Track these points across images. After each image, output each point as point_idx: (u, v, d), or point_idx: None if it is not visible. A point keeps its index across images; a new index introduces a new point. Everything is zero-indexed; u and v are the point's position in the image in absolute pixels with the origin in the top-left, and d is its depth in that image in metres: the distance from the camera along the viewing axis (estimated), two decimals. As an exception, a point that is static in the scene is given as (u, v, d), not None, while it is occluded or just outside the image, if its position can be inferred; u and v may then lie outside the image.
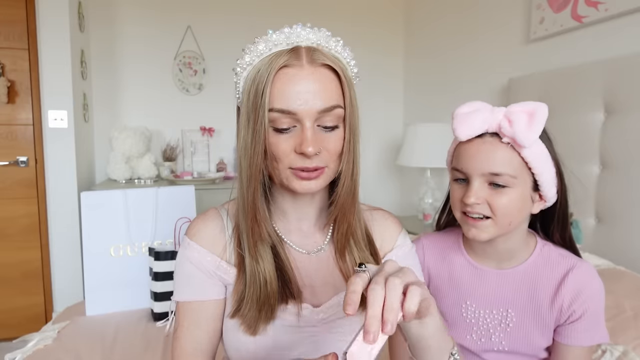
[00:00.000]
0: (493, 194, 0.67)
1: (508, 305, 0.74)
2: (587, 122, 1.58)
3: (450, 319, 0.79)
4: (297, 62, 0.56)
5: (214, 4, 2.72)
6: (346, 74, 0.60)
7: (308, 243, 0.69)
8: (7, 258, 2.27)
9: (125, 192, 1.40)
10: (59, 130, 2.24)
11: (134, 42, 2.63)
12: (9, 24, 2.17)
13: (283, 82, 0.56)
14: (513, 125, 0.64)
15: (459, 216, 0.72)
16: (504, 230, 0.69)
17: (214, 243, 0.66)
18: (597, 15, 1.62)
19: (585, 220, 1.57)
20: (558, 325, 0.72)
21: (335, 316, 0.66)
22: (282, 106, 0.56)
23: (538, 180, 0.68)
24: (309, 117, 0.56)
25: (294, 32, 0.58)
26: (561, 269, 0.72)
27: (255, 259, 0.62)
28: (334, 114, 0.58)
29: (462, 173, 0.70)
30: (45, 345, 1.15)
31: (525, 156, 0.66)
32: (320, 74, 0.57)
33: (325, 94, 0.57)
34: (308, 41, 0.58)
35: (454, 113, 0.70)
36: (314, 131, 0.57)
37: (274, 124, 0.57)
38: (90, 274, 1.34)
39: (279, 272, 0.63)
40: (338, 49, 0.60)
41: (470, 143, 0.69)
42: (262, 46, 0.58)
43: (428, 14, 2.83)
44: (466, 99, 0.73)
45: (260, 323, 0.61)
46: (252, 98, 0.57)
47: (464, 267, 0.78)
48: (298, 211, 0.67)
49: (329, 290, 0.67)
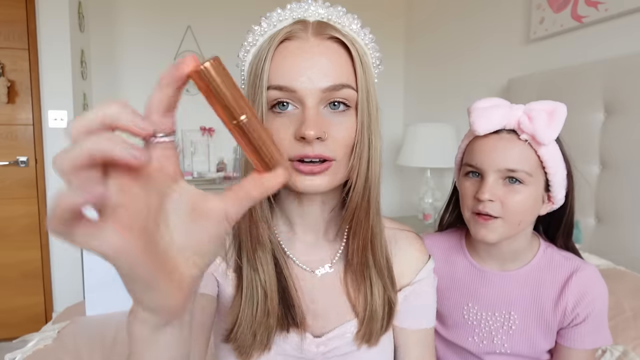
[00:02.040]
0: (507, 192, 0.66)
1: (511, 307, 0.73)
2: (587, 122, 1.58)
3: (452, 321, 0.78)
4: (302, 34, 0.49)
5: (214, 4, 2.72)
6: (361, 52, 0.51)
7: (313, 259, 0.59)
8: (7, 258, 2.27)
9: (125, 192, 1.40)
10: (59, 130, 2.23)
11: (134, 42, 2.62)
12: (9, 24, 2.17)
13: (284, 55, 0.48)
14: (533, 122, 0.63)
15: (468, 215, 0.70)
16: (513, 231, 0.68)
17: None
18: (597, 15, 1.62)
19: (585, 220, 1.57)
20: (561, 328, 0.71)
21: (337, 351, 0.57)
22: (281, 82, 0.48)
23: (550, 180, 0.67)
24: (312, 96, 0.48)
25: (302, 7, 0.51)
26: (565, 272, 0.71)
27: (254, 267, 0.54)
28: (342, 94, 0.49)
29: (476, 169, 0.68)
30: (45, 345, 1.15)
31: (541, 154, 0.65)
32: (326, 48, 0.49)
33: (332, 71, 0.48)
34: (317, 16, 0.50)
35: (472, 107, 0.69)
36: (318, 113, 0.48)
37: (273, 105, 0.49)
38: (90, 274, 1.34)
39: (280, 292, 0.54)
40: (353, 27, 0.52)
41: (487, 138, 0.68)
42: (266, 24, 0.51)
43: (429, 14, 2.83)
44: (466, 99, 0.73)
45: (254, 350, 0.53)
46: (252, 78, 0.50)
47: (467, 268, 0.77)
48: (304, 219, 0.57)
49: (332, 318, 0.58)
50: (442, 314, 0.78)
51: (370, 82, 0.52)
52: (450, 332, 0.78)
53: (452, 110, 2.51)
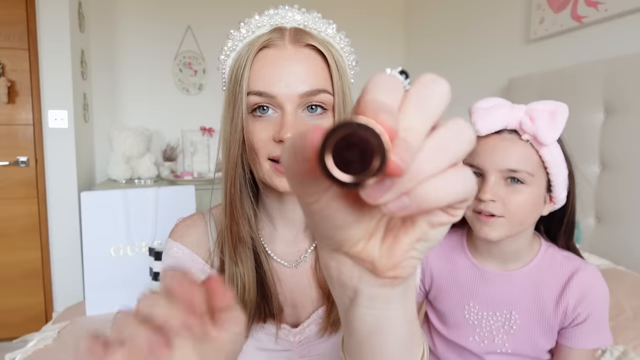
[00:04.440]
0: (509, 192, 0.66)
1: (512, 307, 0.73)
2: (587, 122, 1.58)
3: (453, 321, 0.78)
4: (279, 42, 0.52)
5: (214, 4, 2.72)
6: (336, 58, 0.54)
7: (291, 252, 0.62)
8: (7, 258, 2.27)
9: (125, 192, 1.40)
10: (59, 130, 2.24)
11: (134, 42, 2.62)
12: (9, 24, 2.17)
13: (262, 63, 0.51)
14: (535, 122, 0.63)
15: (470, 214, 0.70)
16: (515, 230, 0.68)
17: (198, 246, 0.62)
18: (597, 16, 1.62)
19: (585, 220, 1.57)
20: (562, 328, 0.71)
21: (311, 338, 0.60)
22: (261, 88, 0.51)
23: (552, 180, 0.68)
24: (290, 102, 0.50)
25: (279, 14, 0.54)
26: (566, 271, 0.71)
27: (235, 261, 0.57)
28: (319, 98, 0.52)
29: (478, 169, 0.68)
30: (45, 345, 1.15)
31: (543, 154, 0.65)
32: (304, 55, 0.52)
33: (309, 77, 0.51)
34: (294, 22, 0.53)
35: (473, 107, 0.69)
36: (296, 117, 0.51)
37: (253, 110, 0.52)
38: (90, 274, 1.34)
39: (259, 284, 0.57)
40: (329, 32, 0.55)
41: (488, 139, 0.68)
42: (245, 30, 0.54)
43: (429, 14, 2.83)
44: (466, 99, 0.73)
45: None
46: (232, 84, 0.53)
47: (468, 268, 0.77)
48: (284, 216, 0.61)
49: (307, 308, 0.61)
50: (443, 313, 0.78)
51: (346, 85, 0.55)
52: (451, 331, 0.78)
53: (452, 110, 2.50)
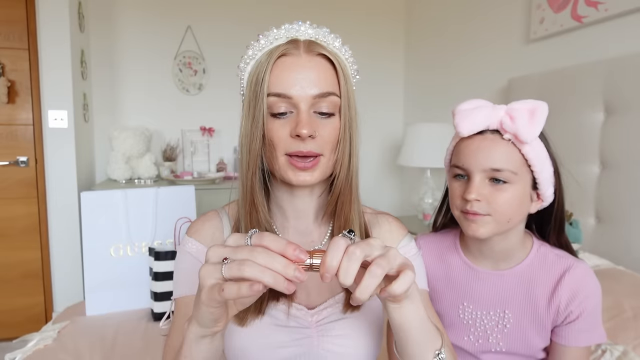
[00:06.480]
0: (493, 191, 0.67)
1: (505, 306, 0.74)
2: (587, 122, 1.58)
3: (447, 320, 0.79)
4: (295, 51, 0.60)
5: (214, 4, 2.72)
6: (342, 66, 0.62)
7: (304, 242, 0.68)
8: (7, 258, 2.27)
9: (125, 192, 1.40)
10: (59, 130, 2.24)
11: (134, 42, 2.62)
12: (9, 24, 2.17)
13: (281, 69, 0.59)
14: (515, 121, 0.65)
15: (458, 214, 0.72)
16: (502, 228, 0.69)
17: (212, 240, 0.67)
18: (597, 15, 1.62)
19: (585, 220, 1.57)
20: (555, 326, 0.72)
21: (328, 319, 0.65)
22: (279, 90, 0.58)
23: (537, 178, 0.69)
24: (305, 102, 0.58)
25: (294, 28, 0.62)
26: (558, 270, 0.72)
27: None
28: (329, 100, 0.60)
29: (463, 169, 0.70)
30: (45, 345, 1.15)
31: (525, 152, 0.66)
32: (316, 63, 0.60)
33: (320, 81, 0.59)
34: (307, 35, 0.62)
35: (455, 110, 0.71)
36: (310, 115, 0.59)
37: (272, 109, 0.60)
38: (90, 274, 1.34)
39: None
40: (336, 45, 0.63)
41: (471, 140, 0.69)
42: (264, 41, 0.62)
43: (429, 14, 2.83)
44: (466, 98, 0.73)
45: (249, 314, 0.61)
46: (253, 86, 0.60)
47: (461, 268, 0.78)
48: (295, 208, 0.67)
49: (324, 293, 0.67)
50: (438, 313, 0.79)
51: (351, 90, 0.63)
52: (446, 331, 0.79)
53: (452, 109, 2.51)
